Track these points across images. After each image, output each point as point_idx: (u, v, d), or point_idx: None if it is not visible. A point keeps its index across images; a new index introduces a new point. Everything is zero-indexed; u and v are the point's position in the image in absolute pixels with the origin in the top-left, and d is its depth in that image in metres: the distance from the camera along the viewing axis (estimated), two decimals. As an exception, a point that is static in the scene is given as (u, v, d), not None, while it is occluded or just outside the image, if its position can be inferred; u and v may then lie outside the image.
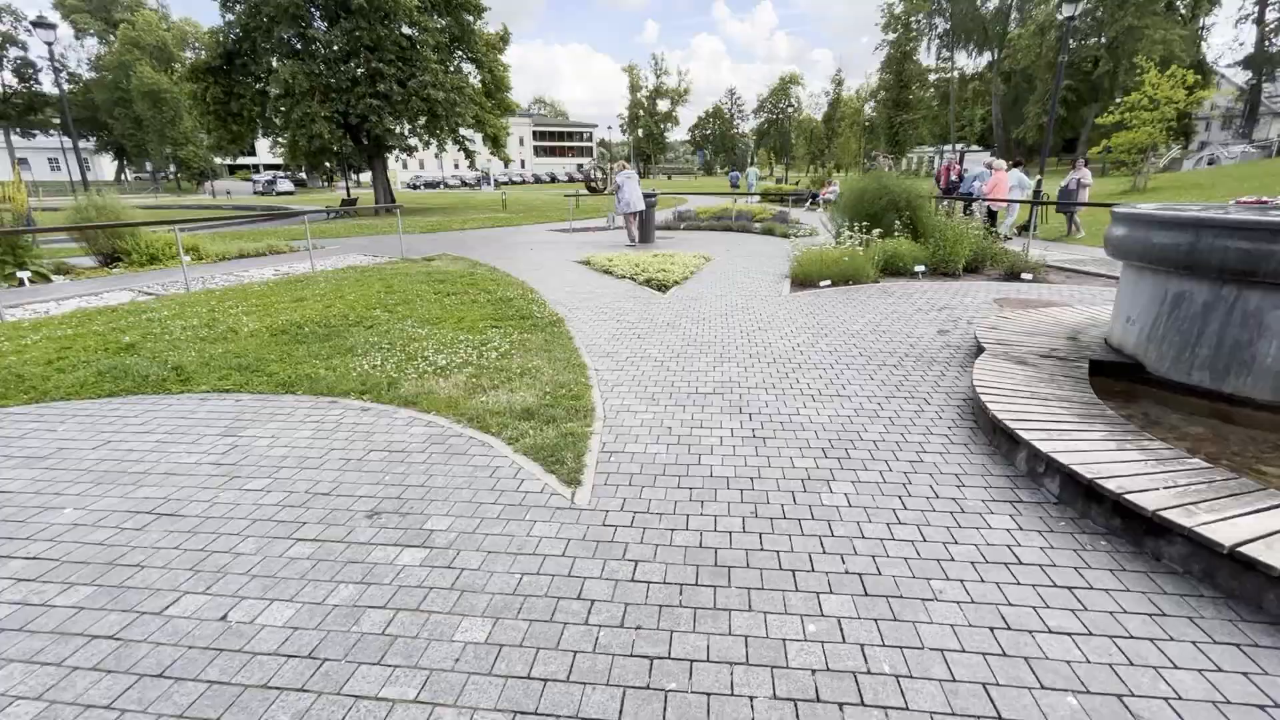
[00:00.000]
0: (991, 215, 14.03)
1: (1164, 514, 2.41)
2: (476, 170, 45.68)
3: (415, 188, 62.52)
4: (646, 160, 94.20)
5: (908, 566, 2.46)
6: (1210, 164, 33.01)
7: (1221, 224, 3.66)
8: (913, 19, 61.03)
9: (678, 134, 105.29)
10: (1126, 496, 2.54)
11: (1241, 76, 49.75)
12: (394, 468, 3.39)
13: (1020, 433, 3.17)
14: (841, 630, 2.12)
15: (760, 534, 2.71)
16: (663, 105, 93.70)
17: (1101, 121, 25.33)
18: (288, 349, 5.61)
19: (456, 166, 68.35)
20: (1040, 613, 2.18)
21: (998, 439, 3.49)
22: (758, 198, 28.80)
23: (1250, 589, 2.20)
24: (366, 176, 27.88)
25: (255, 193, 50.16)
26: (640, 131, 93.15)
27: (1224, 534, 2.26)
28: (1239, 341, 3.76)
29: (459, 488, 3.15)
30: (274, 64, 21.96)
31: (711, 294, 8.13)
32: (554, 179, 73.74)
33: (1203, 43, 46.21)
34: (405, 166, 71.87)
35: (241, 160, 72.16)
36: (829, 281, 8.62)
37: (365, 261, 11.71)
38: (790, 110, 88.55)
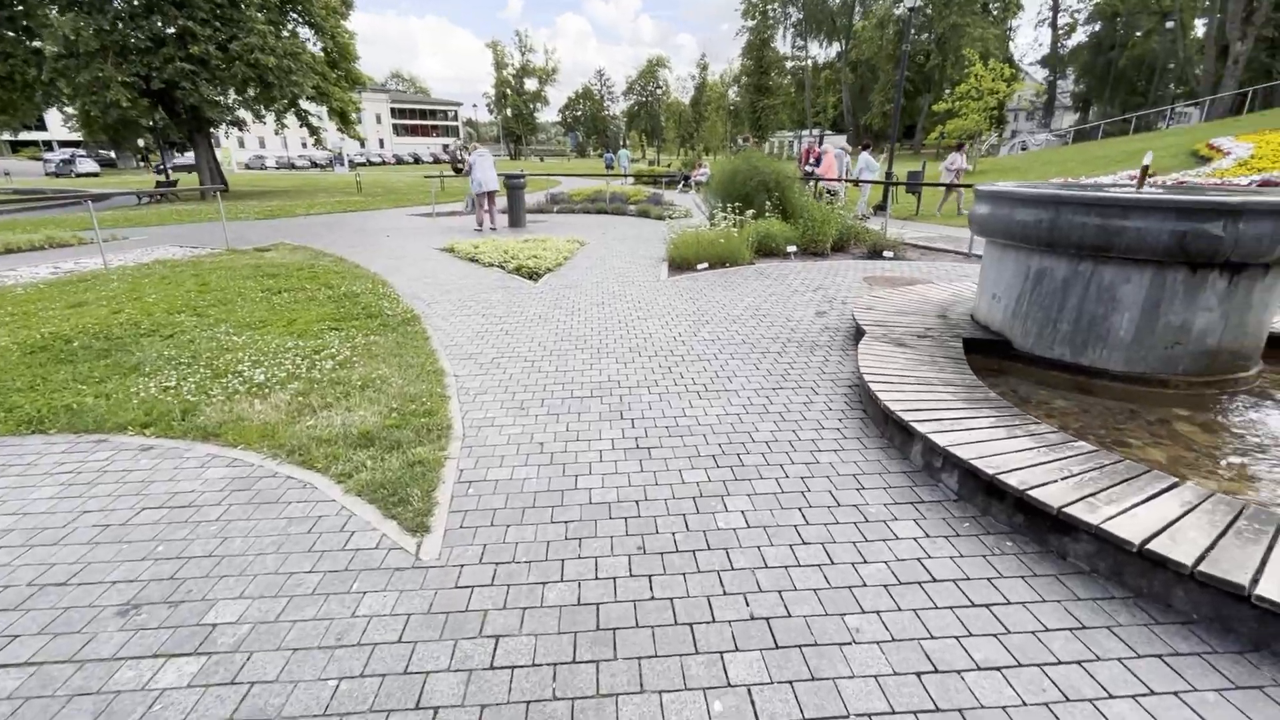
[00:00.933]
0: (832, 194, 14.75)
1: (1069, 511, 2.26)
2: (327, 150, 41.42)
3: (257, 168, 55.74)
4: (517, 141, 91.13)
5: (818, 601, 2.12)
6: (1022, 150, 37.43)
7: (1079, 201, 3.71)
8: (769, 7, 63.57)
9: (549, 115, 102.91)
10: (1029, 493, 2.38)
11: (1040, 74, 57.02)
12: (172, 532, 2.56)
13: (915, 425, 2.99)
14: (754, 706, 1.72)
15: (650, 576, 2.26)
16: (531, 84, 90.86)
17: (936, 109, 27.71)
18: (44, 372, 4.36)
19: (304, 146, 61.79)
20: (964, 644, 1.93)
21: (890, 430, 3.31)
22: (632, 180, 28.60)
23: (1159, 587, 2.09)
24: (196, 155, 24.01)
25: (48, 174, 42.03)
26: (509, 111, 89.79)
27: (1130, 530, 2.14)
28: (1095, 315, 3.87)
29: (263, 553, 2.41)
30: (51, 15, 18.13)
31: (587, 281, 7.61)
32: (418, 160, 69.13)
33: (1010, 42, 52.26)
34: (243, 145, 63.94)
35: (28, 135, 60.46)
36: (706, 264, 8.42)
37: (179, 254, 9.90)
38: (658, 93, 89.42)
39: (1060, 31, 52.44)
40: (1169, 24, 42.66)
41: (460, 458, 3.17)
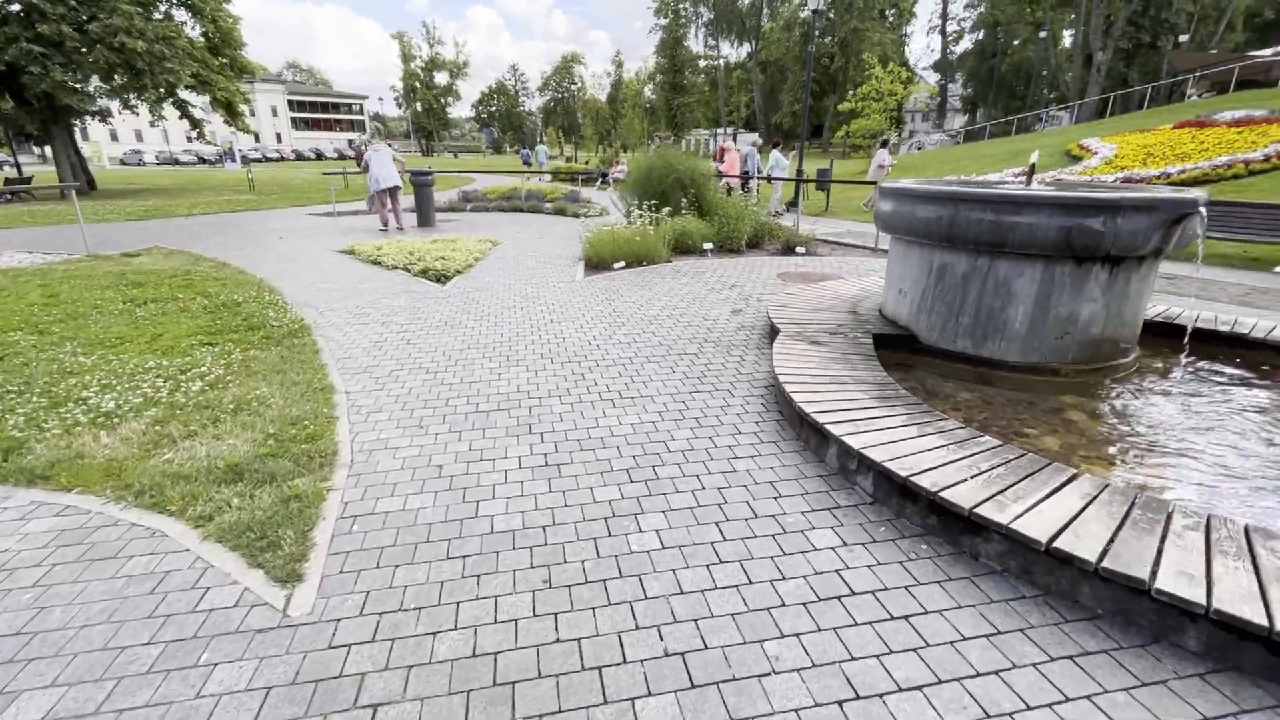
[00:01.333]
0: (743, 190, 15.04)
1: (980, 511, 2.24)
2: (215, 145, 38.16)
3: (134, 164, 50.66)
4: (429, 137, 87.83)
5: (736, 628, 1.99)
6: (919, 149, 39.76)
7: (976, 198, 3.80)
8: (681, 6, 64.36)
9: (462, 110, 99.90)
10: (941, 495, 2.35)
11: (933, 78, 60.86)
12: (-30, 606, 2.10)
13: (829, 427, 2.93)
14: (667, 761, 1.56)
15: (556, 615, 2.05)
16: (441, 78, 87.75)
17: (841, 109, 28.91)
18: None
19: (190, 140, 56.92)
20: (885, 663, 1.84)
21: (806, 432, 3.25)
22: (549, 177, 28.12)
23: (1066, 583, 2.09)
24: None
25: None
26: (419, 105, 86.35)
27: (1037, 528, 2.13)
28: (993, 309, 3.99)
29: (89, 624, 2.02)
30: None
31: (499, 283, 7.27)
32: (320, 155, 65.19)
33: (906, 48, 55.47)
34: (116, 138, 57.86)
35: None
36: (623, 263, 8.26)
37: (28, 261, 8.70)
38: (575, 90, 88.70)
39: (949, 38, 56.13)
40: (1042, 34, 46.54)
41: (346, 488, 2.84)
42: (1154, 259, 3.86)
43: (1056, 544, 2.05)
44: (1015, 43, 50.19)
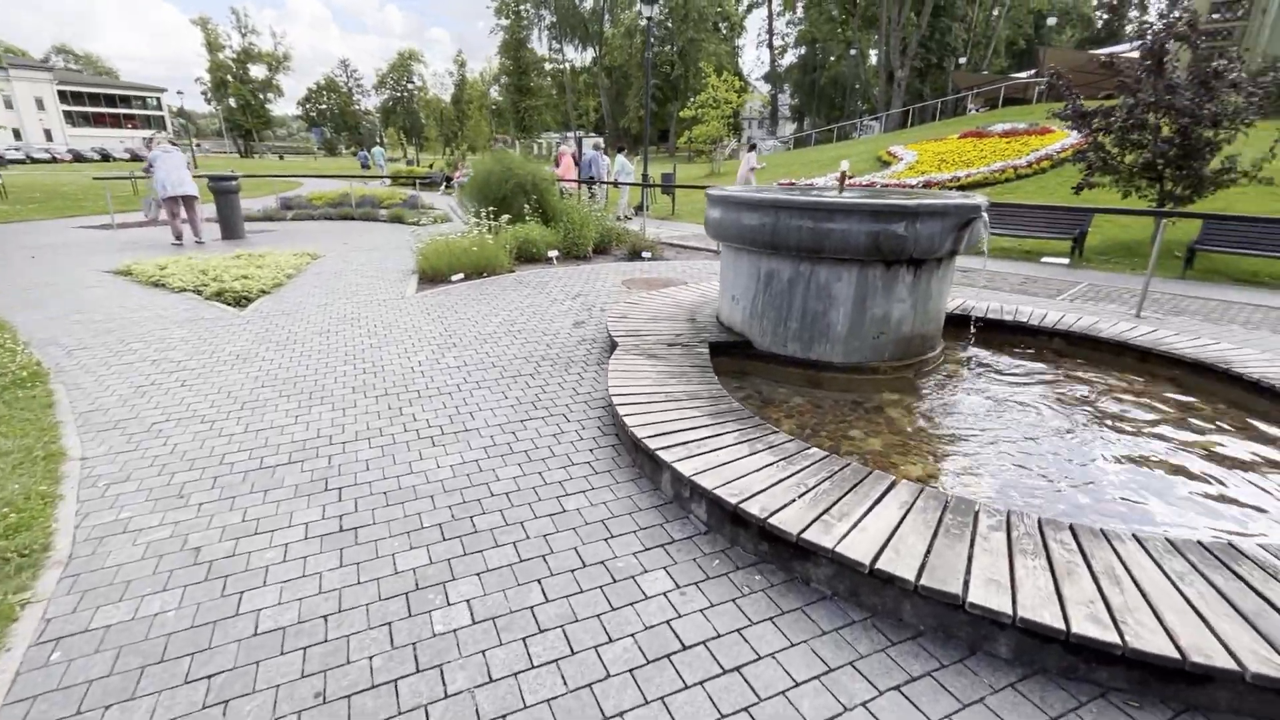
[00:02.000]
0: (592, 195, 14.99)
1: (807, 537, 2.16)
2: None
3: None
4: (248, 136, 78.71)
5: (554, 718, 1.70)
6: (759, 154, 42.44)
7: (795, 206, 3.86)
8: (522, 7, 63.38)
9: (286, 107, 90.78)
10: (770, 521, 2.25)
11: (765, 88, 65.45)
12: None
13: (661, 454, 2.75)
14: None
15: (325, 743, 1.64)
16: (258, 72, 78.97)
17: (683, 116, 29.98)
18: None
19: (-87, 136, 45.82)
20: (715, 733, 1.66)
21: (641, 458, 3.06)
22: (388, 181, 26.28)
23: (890, 602, 2.05)
24: None
25: None
26: (233, 101, 77.04)
27: (861, 549, 2.08)
28: (817, 312, 4.09)
29: None
30: None
31: (312, 304, 6.41)
32: (107, 156, 55.65)
33: (739, 59, 59.11)
34: None
35: None
36: (461, 275, 7.70)
37: None
38: (415, 89, 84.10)
39: (776, 52, 60.62)
40: (852, 52, 51.76)
41: (54, 598, 2.16)
42: (950, 260, 4.17)
43: (879, 565, 2.00)
44: (831, 59, 55.37)
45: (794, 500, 2.38)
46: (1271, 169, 8.99)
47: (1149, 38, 9.38)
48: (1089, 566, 2.01)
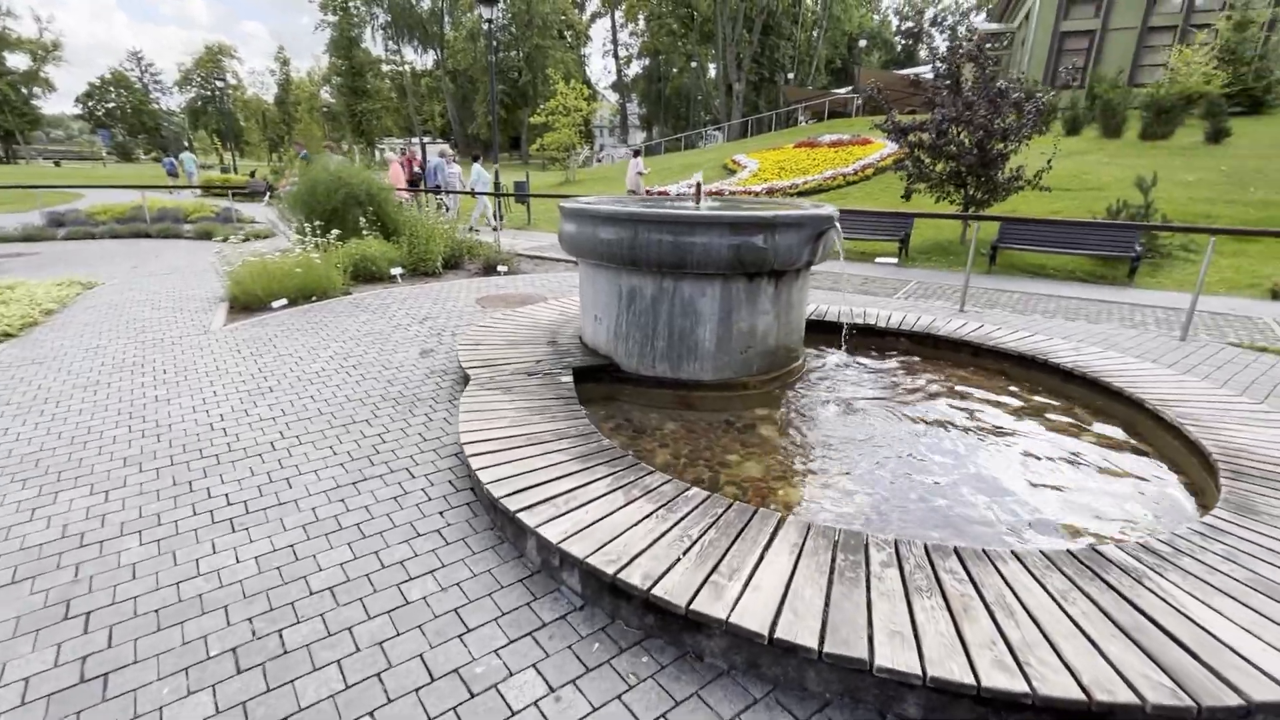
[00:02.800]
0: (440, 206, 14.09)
1: (698, 608, 1.87)
2: None
3: None
4: (7, 138, 65.41)
5: None
6: (611, 162, 42.92)
7: (654, 219, 3.62)
8: (351, 4, 58.91)
9: (62, 105, 76.87)
10: (656, 593, 1.93)
11: (614, 97, 66.60)
12: None
13: (523, 516, 2.34)
14: None
15: None
16: (18, 61, 65.92)
17: (533, 122, 29.41)
18: None
19: None
20: None
21: (500, 518, 2.62)
22: (198, 191, 23.00)
23: (793, 671, 1.82)
24: None
25: None
26: (-20, 95, 63.54)
27: (758, 616, 1.83)
28: (684, 330, 3.89)
29: None
30: None
31: (78, 348, 5.15)
32: None
33: (586, 67, 59.58)
34: None
35: None
36: (284, 301, 6.67)
37: None
38: (229, 87, 75.01)
39: (621, 62, 61.87)
40: (693, 64, 54.18)
41: None
42: (807, 270, 4.17)
43: (779, 634, 1.76)
44: (675, 70, 57.56)
45: (679, 560, 2.08)
46: (1049, 179, 10.45)
47: (945, 60, 10.53)
48: (983, 598, 1.92)
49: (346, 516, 2.72)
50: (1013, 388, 4.33)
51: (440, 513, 2.75)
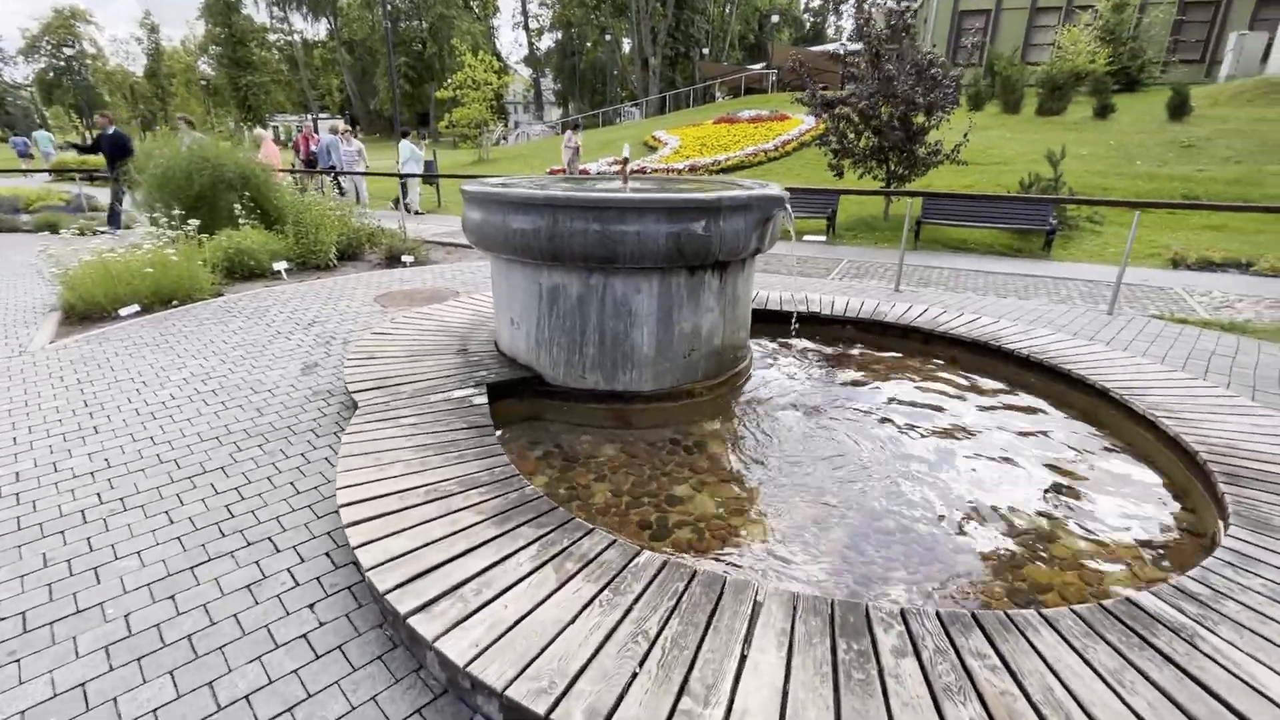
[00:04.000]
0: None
1: (668, 763, 1.33)
2: None
3: None
4: None
5: None
6: (528, 139, 41.24)
7: (576, 205, 2.99)
8: (226, -36, 53.26)
9: None
10: (607, 740, 1.38)
11: (527, 71, 64.10)
12: None
13: (417, 624, 1.72)
14: None
15: None
16: None
17: (440, 97, 27.59)
18: None
19: None
20: None
21: (391, 619, 1.98)
22: (48, 175, 20.11)
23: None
24: None
25: None
26: None
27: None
28: (618, 334, 3.32)
29: None
30: None
31: None
32: None
33: (495, 39, 56.86)
34: None
35: None
36: (135, 308, 5.55)
37: None
38: (85, 57, 66.40)
39: (533, 34, 59.48)
40: (607, 37, 52.77)
41: None
42: (753, 259, 3.68)
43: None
44: (588, 44, 55.87)
45: (635, 677, 1.54)
46: (965, 153, 10.52)
47: (866, 34, 10.33)
48: (1027, 695, 1.49)
49: (175, 625, 1.99)
50: (972, 380, 4.05)
51: (311, 606, 2.06)
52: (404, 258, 8.04)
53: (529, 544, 2.03)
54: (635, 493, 2.75)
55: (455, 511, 2.20)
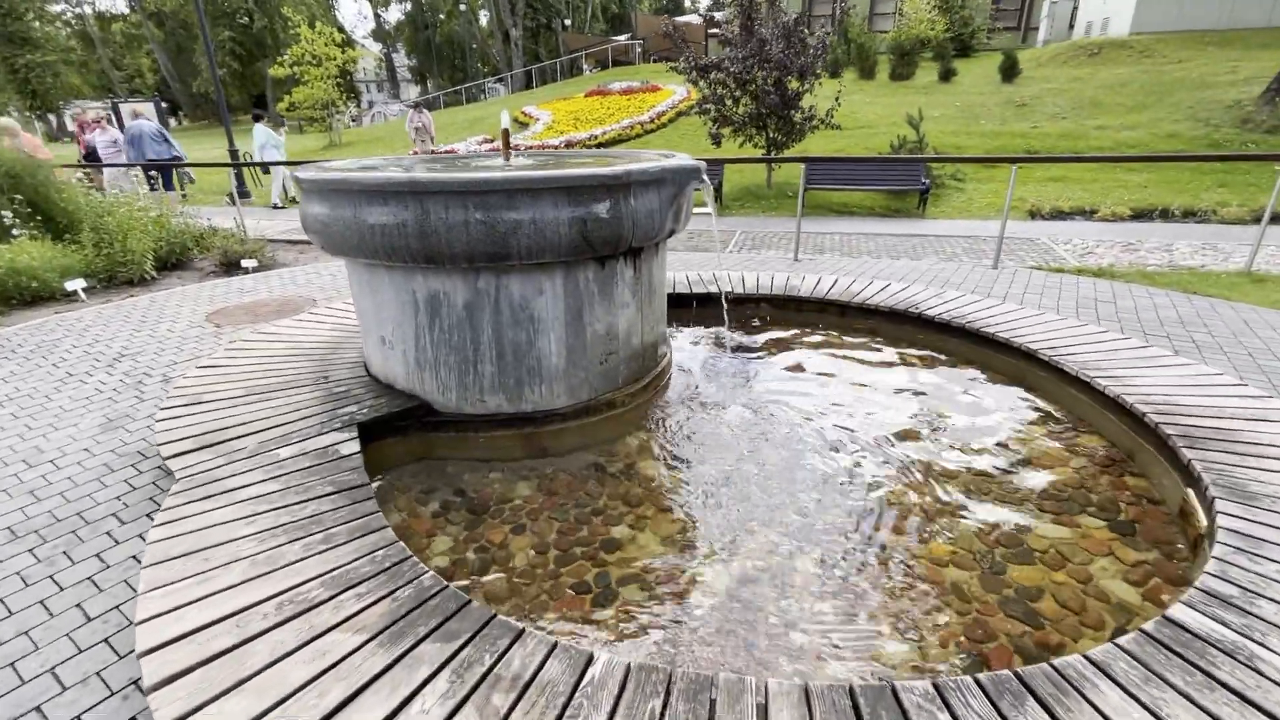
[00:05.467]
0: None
1: None
2: None
3: None
4: None
5: None
6: (385, 120, 38.04)
7: (451, 189, 2.34)
8: (-22, -82, 43.94)
9: None
10: None
11: (376, 47, 59.12)
12: None
13: None
14: None
15: None
16: None
17: (276, 75, 24.57)
18: None
19: None
20: None
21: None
22: None
23: None
24: None
25: None
26: None
27: None
28: (520, 344, 2.73)
29: None
30: None
31: None
32: None
33: (336, 11, 51.69)
34: None
35: None
36: None
37: None
38: None
39: (378, 5, 54.76)
40: (463, 8, 49.65)
41: None
42: (665, 242, 3.21)
43: None
44: (441, 16, 52.31)
45: None
46: (838, 117, 10.67)
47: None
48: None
49: None
50: (899, 352, 3.87)
51: (101, 824, 1.36)
52: (244, 262, 6.78)
53: (436, 672, 1.45)
54: (564, 544, 2.22)
55: (323, 634, 1.56)
